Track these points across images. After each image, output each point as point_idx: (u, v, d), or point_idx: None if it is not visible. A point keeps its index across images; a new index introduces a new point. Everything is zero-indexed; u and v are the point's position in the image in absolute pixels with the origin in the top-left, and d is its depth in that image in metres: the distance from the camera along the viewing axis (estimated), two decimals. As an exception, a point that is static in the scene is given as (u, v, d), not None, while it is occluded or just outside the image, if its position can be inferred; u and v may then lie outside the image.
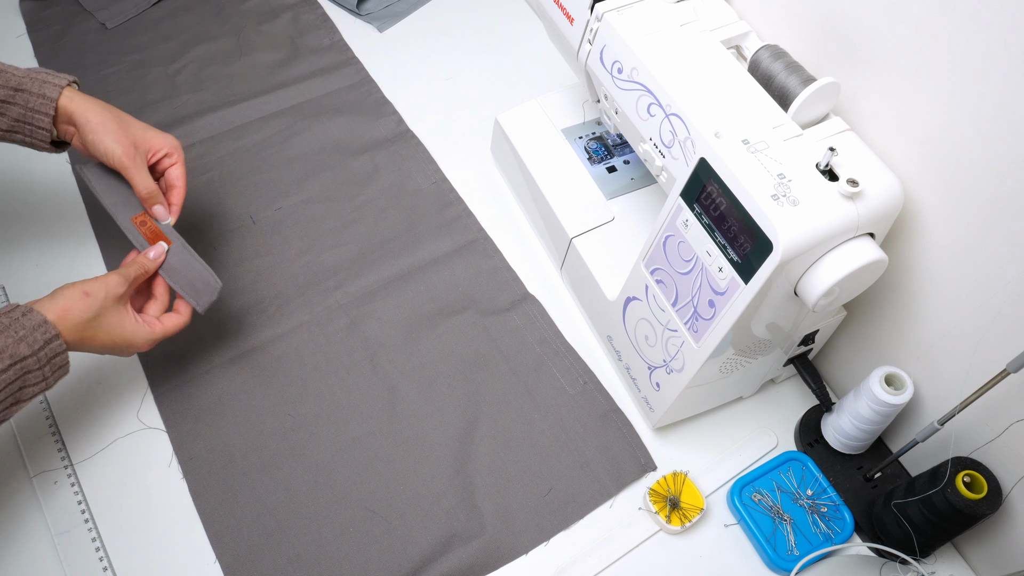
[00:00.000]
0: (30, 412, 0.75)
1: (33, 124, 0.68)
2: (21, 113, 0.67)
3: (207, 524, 0.70)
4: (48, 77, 0.68)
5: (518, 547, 0.70)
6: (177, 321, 0.70)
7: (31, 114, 0.67)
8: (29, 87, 0.66)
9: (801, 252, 0.54)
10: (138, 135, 0.71)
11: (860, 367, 0.75)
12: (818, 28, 0.64)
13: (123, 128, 0.70)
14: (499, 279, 0.86)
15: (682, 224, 0.62)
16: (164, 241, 0.71)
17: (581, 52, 0.71)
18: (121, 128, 0.70)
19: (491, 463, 0.74)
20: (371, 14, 1.10)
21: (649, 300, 0.69)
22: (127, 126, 0.70)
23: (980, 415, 0.63)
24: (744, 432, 0.78)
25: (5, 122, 0.67)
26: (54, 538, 0.68)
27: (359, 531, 0.70)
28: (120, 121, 0.70)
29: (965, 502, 0.60)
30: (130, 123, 0.71)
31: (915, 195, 0.61)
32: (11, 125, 0.68)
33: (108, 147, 0.69)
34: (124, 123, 0.70)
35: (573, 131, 0.87)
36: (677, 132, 0.61)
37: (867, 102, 0.62)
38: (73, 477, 0.72)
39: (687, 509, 0.71)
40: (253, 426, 0.75)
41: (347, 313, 0.82)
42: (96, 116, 0.68)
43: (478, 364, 0.80)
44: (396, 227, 0.89)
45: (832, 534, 0.70)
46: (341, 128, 0.97)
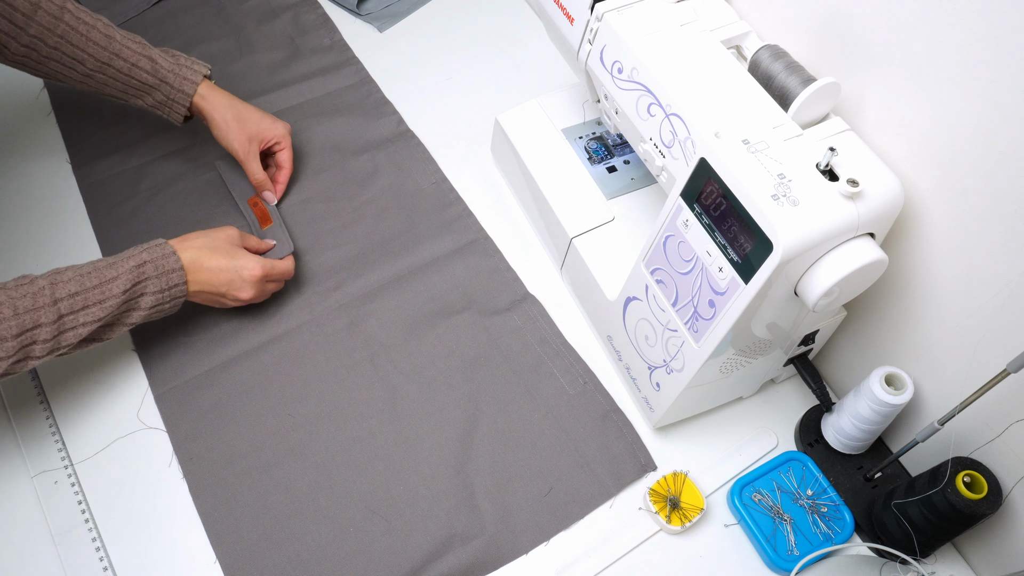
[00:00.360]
0: (30, 412, 0.75)
1: (172, 109, 0.83)
2: (163, 99, 0.82)
3: (207, 524, 0.70)
4: (187, 73, 0.82)
5: (518, 547, 0.70)
6: (288, 264, 0.80)
7: (170, 102, 0.83)
8: (172, 81, 0.81)
9: (801, 252, 0.54)
10: (253, 129, 0.85)
11: (860, 367, 0.75)
12: (818, 28, 0.64)
13: (241, 125, 0.84)
14: (499, 279, 0.86)
15: (682, 224, 0.62)
16: (269, 220, 0.87)
17: (581, 52, 0.71)
18: (240, 125, 0.84)
19: (491, 463, 0.74)
20: (371, 14, 1.10)
21: (649, 300, 0.69)
22: (245, 122, 0.85)
23: (980, 415, 0.63)
24: (744, 432, 0.78)
25: (150, 100, 0.83)
26: (54, 538, 0.68)
27: (359, 531, 0.70)
28: (240, 118, 0.84)
29: (965, 502, 0.60)
30: (248, 117, 0.85)
31: (915, 195, 0.61)
32: (154, 104, 0.83)
33: (228, 143, 0.85)
34: (243, 119, 0.85)
35: (573, 131, 0.87)
36: (677, 132, 0.61)
37: (867, 102, 0.62)
38: (73, 477, 0.72)
39: (687, 509, 0.71)
40: (253, 426, 0.75)
41: (347, 313, 0.82)
42: (219, 115, 0.84)
43: (478, 364, 0.80)
44: (396, 227, 0.89)
45: (832, 534, 0.70)
46: (341, 128, 0.97)
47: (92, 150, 0.93)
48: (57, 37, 0.76)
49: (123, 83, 0.80)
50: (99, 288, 0.67)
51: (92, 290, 0.66)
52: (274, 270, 0.78)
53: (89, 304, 0.66)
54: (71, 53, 0.77)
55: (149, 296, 0.70)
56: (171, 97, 0.82)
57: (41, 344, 0.64)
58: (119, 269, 0.68)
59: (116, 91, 0.81)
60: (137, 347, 0.79)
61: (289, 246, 0.84)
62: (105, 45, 0.78)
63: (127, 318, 0.69)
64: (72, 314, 0.65)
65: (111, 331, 0.69)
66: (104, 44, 0.78)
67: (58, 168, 0.92)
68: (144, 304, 0.70)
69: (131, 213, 0.88)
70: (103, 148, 0.93)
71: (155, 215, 0.88)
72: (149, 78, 0.80)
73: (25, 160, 0.92)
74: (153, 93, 0.81)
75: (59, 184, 0.91)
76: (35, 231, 0.87)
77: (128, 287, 0.68)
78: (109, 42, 0.78)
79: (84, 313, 0.65)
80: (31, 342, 0.63)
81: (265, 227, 0.86)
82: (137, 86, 0.81)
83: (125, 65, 0.79)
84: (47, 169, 0.92)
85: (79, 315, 0.65)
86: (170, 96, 0.82)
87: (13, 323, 0.62)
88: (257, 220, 0.87)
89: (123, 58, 0.79)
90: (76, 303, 0.65)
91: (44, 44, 0.76)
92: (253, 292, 0.76)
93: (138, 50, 0.80)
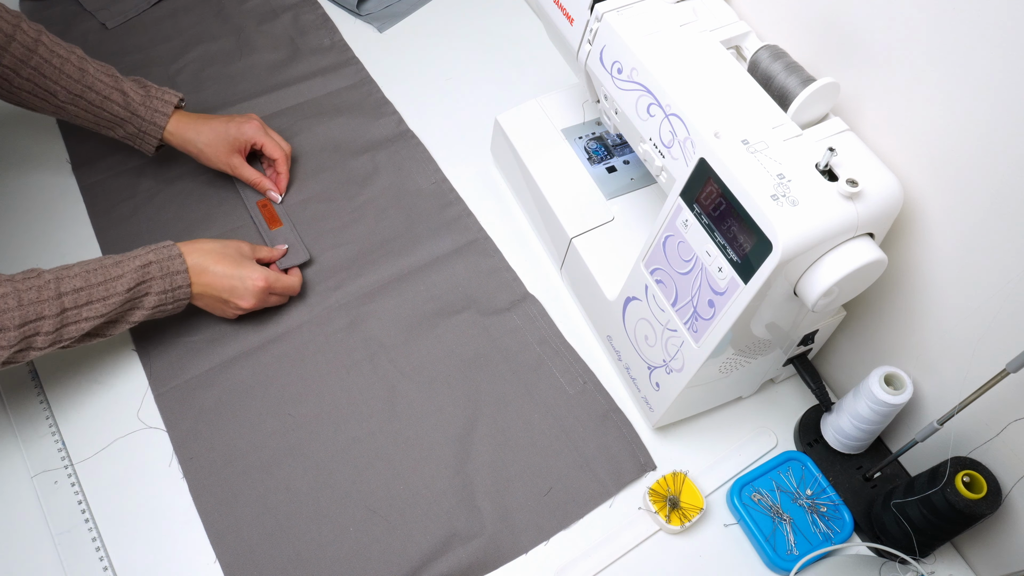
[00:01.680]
0: (30, 412, 0.75)
1: (143, 141, 0.84)
2: (135, 131, 0.83)
3: (207, 524, 0.70)
4: (158, 106, 0.83)
5: (518, 546, 0.70)
6: (294, 280, 0.81)
7: (142, 134, 0.84)
8: (143, 114, 0.82)
9: (800, 252, 0.54)
10: (226, 146, 0.85)
11: (860, 367, 0.75)
12: (818, 28, 0.64)
13: (216, 146, 0.85)
14: (499, 279, 0.86)
15: (682, 224, 0.62)
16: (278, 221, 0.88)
17: (581, 52, 0.71)
18: (213, 149, 0.85)
19: (491, 463, 0.74)
20: (371, 14, 1.10)
21: (649, 300, 0.69)
22: (216, 144, 0.85)
23: (980, 415, 0.63)
24: (744, 432, 0.78)
25: (121, 132, 0.84)
26: (54, 538, 0.68)
27: (359, 530, 0.70)
28: (211, 143, 0.85)
29: (964, 502, 0.60)
30: (220, 138, 0.85)
31: (915, 195, 0.61)
32: (125, 136, 0.84)
33: (214, 166, 0.87)
34: (216, 140, 0.85)
35: (573, 131, 0.87)
36: (677, 132, 0.61)
37: (867, 102, 0.62)
38: (73, 477, 0.72)
39: (687, 509, 0.71)
40: (253, 426, 0.75)
41: (347, 313, 0.82)
42: (192, 147, 0.85)
43: (478, 364, 0.80)
44: (396, 227, 0.89)
45: (832, 534, 0.70)
46: (341, 128, 0.98)
47: (92, 150, 0.93)
48: (31, 69, 0.77)
49: (95, 115, 0.81)
50: (104, 285, 0.68)
51: (97, 287, 0.67)
52: (278, 283, 0.78)
53: (93, 300, 0.67)
54: (44, 85, 0.78)
55: (153, 296, 0.71)
56: (142, 130, 0.83)
57: (44, 336, 0.65)
58: (125, 268, 0.69)
59: (88, 122, 0.82)
60: (137, 347, 0.79)
61: (304, 254, 0.85)
62: (78, 78, 0.79)
63: (130, 316, 0.71)
64: (75, 308, 0.66)
65: (114, 328, 0.70)
66: (77, 77, 0.79)
67: (58, 168, 0.92)
68: (147, 304, 0.71)
69: (131, 213, 0.88)
70: (103, 148, 0.93)
71: (155, 215, 0.88)
72: (121, 111, 0.81)
73: (25, 160, 0.92)
74: (124, 126, 0.82)
75: (59, 184, 0.91)
76: (35, 231, 0.87)
77: (132, 286, 0.69)
78: (82, 75, 0.79)
79: (87, 308, 0.67)
80: (34, 333, 0.64)
81: (274, 228, 0.87)
82: (109, 119, 0.82)
83: (97, 98, 0.80)
84: (47, 169, 0.92)
85: (82, 310, 0.66)
86: (141, 128, 0.83)
87: (17, 314, 0.63)
88: (265, 221, 0.88)
89: (95, 91, 0.80)
90: (80, 298, 0.66)
91: (17, 75, 0.77)
92: (254, 301, 0.77)
93: (110, 83, 0.81)
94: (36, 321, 0.64)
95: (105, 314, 0.68)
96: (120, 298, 0.68)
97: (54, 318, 0.65)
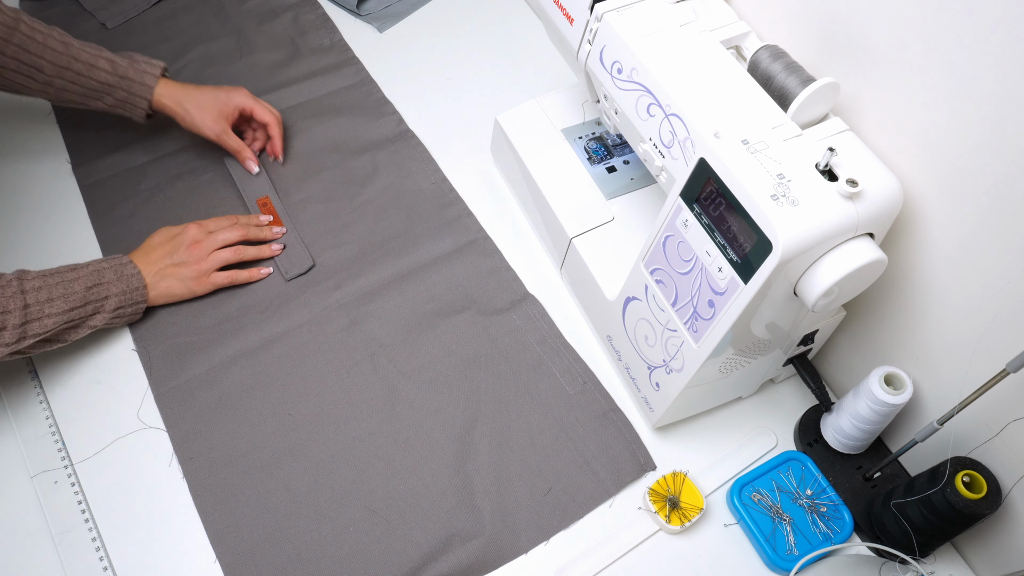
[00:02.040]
0: (30, 412, 0.75)
1: (133, 105, 0.85)
2: (124, 96, 0.84)
3: (207, 524, 0.70)
4: (146, 68, 0.85)
5: (518, 546, 0.70)
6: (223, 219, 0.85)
7: (132, 97, 0.85)
8: (132, 76, 0.83)
9: (800, 252, 0.54)
10: (215, 110, 0.87)
11: (860, 367, 0.75)
12: (818, 28, 0.64)
13: (203, 110, 0.87)
14: (499, 279, 0.86)
15: (682, 224, 0.62)
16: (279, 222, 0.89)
17: (581, 52, 0.71)
18: (202, 111, 0.87)
19: (491, 463, 0.74)
20: (371, 14, 1.10)
21: (649, 300, 0.69)
22: (206, 107, 0.87)
23: (979, 415, 0.63)
24: (744, 432, 0.78)
25: (110, 100, 0.84)
26: (54, 538, 0.68)
27: (359, 530, 0.70)
28: (199, 105, 0.87)
29: (964, 502, 0.60)
30: (205, 101, 0.87)
31: (915, 195, 0.61)
32: (115, 104, 0.85)
33: (198, 130, 0.88)
34: (202, 105, 0.87)
35: (573, 131, 0.87)
36: (677, 132, 0.61)
37: (867, 102, 0.62)
38: (73, 477, 0.72)
39: (687, 509, 0.71)
40: (253, 426, 0.75)
41: (347, 313, 0.82)
42: (180, 107, 0.86)
43: (478, 364, 0.80)
44: (396, 227, 0.89)
45: (831, 534, 0.70)
46: (341, 128, 0.98)
47: (92, 150, 0.93)
48: (14, 46, 0.78)
49: (83, 85, 0.82)
50: (62, 285, 0.71)
51: (55, 286, 0.71)
52: (211, 222, 0.83)
53: (54, 297, 0.70)
54: (28, 61, 0.79)
55: (112, 298, 0.75)
56: (132, 92, 0.84)
57: (10, 331, 0.67)
58: (80, 272, 0.73)
59: (76, 95, 0.83)
60: (137, 347, 0.79)
61: (307, 260, 0.85)
62: (63, 51, 0.80)
63: (91, 320, 0.74)
64: (38, 305, 0.69)
65: (74, 332, 0.73)
66: (61, 50, 0.80)
67: (58, 168, 0.92)
68: (108, 306, 0.75)
69: (131, 213, 0.88)
70: (103, 148, 0.93)
71: (155, 215, 0.88)
72: (108, 77, 0.82)
73: (25, 160, 0.92)
74: (114, 92, 0.83)
75: (59, 184, 0.91)
76: (35, 231, 0.87)
77: (90, 285, 0.73)
78: (66, 47, 0.80)
79: (49, 304, 0.70)
80: (0, 327, 0.67)
81: (274, 227, 0.87)
82: (97, 87, 0.82)
83: (84, 67, 0.81)
84: (47, 169, 0.92)
85: (44, 306, 0.69)
86: (131, 91, 0.84)
87: None
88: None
89: (81, 60, 0.81)
90: (41, 295, 0.70)
91: (1, 54, 0.78)
92: (200, 249, 0.80)
93: (95, 52, 0.82)
94: (1, 315, 0.66)
95: (67, 311, 0.71)
96: (79, 296, 0.71)
97: (19, 311, 0.67)
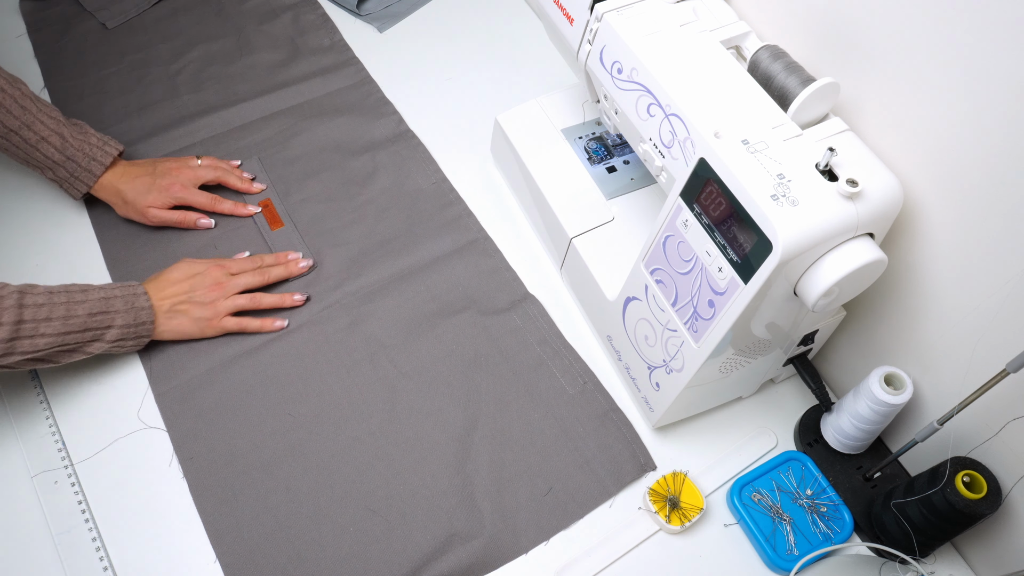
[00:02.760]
0: (30, 412, 0.75)
1: (73, 187, 0.83)
2: (66, 176, 0.82)
3: (207, 524, 0.70)
4: (97, 152, 0.82)
5: (518, 546, 0.70)
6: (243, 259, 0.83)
7: (74, 179, 0.82)
8: (79, 160, 0.81)
9: (800, 252, 0.54)
10: (155, 198, 0.84)
11: (860, 367, 0.75)
12: (818, 28, 0.64)
13: (140, 201, 0.83)
14: (499, 279, 0.86)
15: (682, 224, 0.62)
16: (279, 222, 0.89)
17: (581, 52, 0.71)
18: (139, 203, 0.83)
19: (491, 463, 0.74)
20: (371, 14, 1.10)
21: (649, 300, 0.69)
22: (140, 200, 0.83)
23: (979, 415, 0.63)
24: (744, 432, 0.78)
25: (51, 176, 0.82)
26: (54, 538, 0.68)
27: (359, 530, 0.70)
28: (137, 198, 0.83)
29: (964, 502, 0.60)
30: (146, 193, 0.84)
31: (915, 195, 0.61)
32: (55, 179, 0.83)
33: (138, 220, 0.86)
34: (139, 199, 0.83)
35: (573, 131, 0.87)
36: (677, 132, 0.61)
37: (867, 102, 0.62)
38: (73, 477, 0.72)
39: (687, 509, 0.71)
40: (253, 426, 0.75)
41: (347, 313, 0.82)
42: (120, 199, 0.84)
43: (478, 364, 0.80)
44: (396, 227, 0.89)
45: (831, 534, 0.70)
46: (341, 128, 0.97)
47: (92, 150, 0.93)
48: None
49: (27, 153, 0.80)
50: (65, 306, 0.69)
51: (58, 306, 0.68)
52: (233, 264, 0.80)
53: (53, 317, 0.68)
54: None
55: (116, 329, 0.72)
56: (75, 175, 0.82)
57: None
58: (89, 295, 0.71)
59: (18, 158, 0.81)
60: (137, 347, 0.79)
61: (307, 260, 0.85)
62: (18, 114, 0.78)
63: (88, 347, 0.71)
64: (34, 323, 0.67)
65: (68, 355, 0.70)
66: (17, 113, 0.78)
67: (58, 168, 0.92)
68: (109, 336, 0.72)
69: (131, 213, 0.88)
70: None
71: (155, 215, 0.88)
72: (56, 154, 0.80)
73: (25, 160, 0.92)
74: (56, 169, 0.81)
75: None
76: (35, 231, 0.87)
77: (94, 312, 0.70)
78: (23, 112, 0.78)
79: (46, 324, 0.67)
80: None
81: (275, 229, 0.87)
82: (40, 159, 0.80)
83: (33, 137, 0.79)
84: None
85: (40, 325, 0.67)
86: (74, 174, 0.82)
87: None
88: (267, 222, 0.88)
89: (33, 130, 0.79)
90: (40, 313, 0.67)
91: None
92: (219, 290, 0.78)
93: (51, 123, 0.80)
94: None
95: (63, 333, 0.68)
96: (79, 321, 0.69)
97: (10, 326, 0.65)
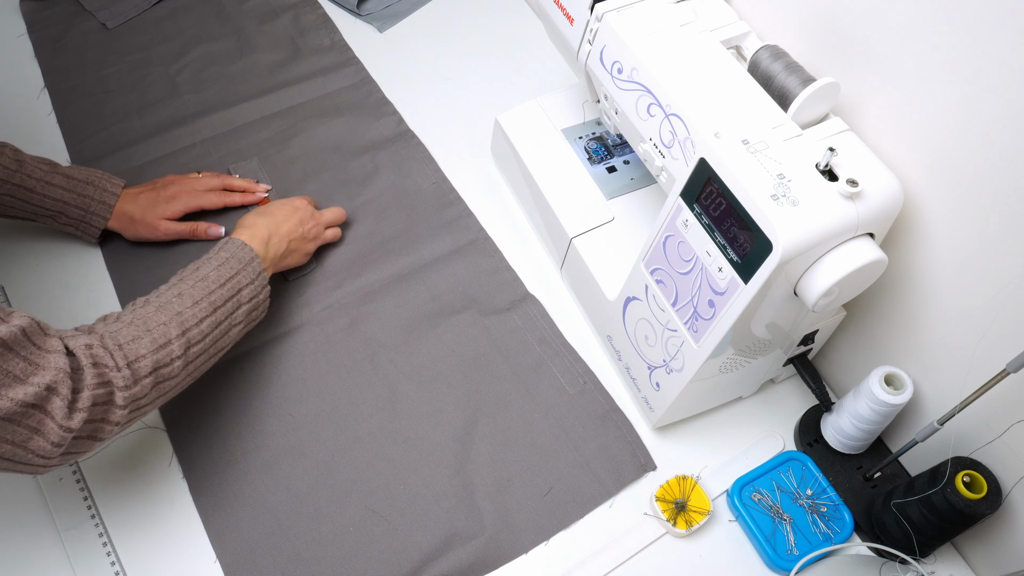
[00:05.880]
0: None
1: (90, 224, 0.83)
2: (80, 216, 0.81)
3: (207, 524, 0.70)
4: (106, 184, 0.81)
5: (518, 546, 0.70)
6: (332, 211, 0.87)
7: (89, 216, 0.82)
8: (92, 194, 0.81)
9: (801, 252, 0.54)
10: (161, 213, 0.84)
11: (860, 367, 0.75)
12: (818, 28, 0.64)
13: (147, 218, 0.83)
14: (499, 279, 0.86)
15: (682, 224, 0.62)
16: None
17: (581, 52, 0.71)
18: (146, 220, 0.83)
19: (491, 463, 0.74)
20: (371, 14, 1.10)
21: (649, 300, 0.69)
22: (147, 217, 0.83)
23: (980, 415, 0.63)
24: (743, 432, 0.78)
25: (63, 220, 0.82)
26: (61, 534, 0.68)
27: (359, 530, 0.70)
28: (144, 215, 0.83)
29: (965, 502, 0.60)
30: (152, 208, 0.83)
31: (915, 195, 0.61)
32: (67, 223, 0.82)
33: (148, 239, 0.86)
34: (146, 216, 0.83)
35: (573, 131, 0.87)
36: (677, 132, 0.61)
37: (867, 102, 0.62)
38: (79, 474, 0.72)
39: (693, 513, 0.70)
40: (253, 426, 0.75)
41: (347, 313, 0.82)
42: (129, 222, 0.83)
43: (478, 364, 0.80)
44: (396, 227, 0.89)
45: (832, 534, 0.70)
46: (341, 128, 0.98)
47: (92, 150, 0.93)
48: None
49: (35, 204, 0.78)
50: (194, 285, 0.67)
51: (192, 287, 0.67)
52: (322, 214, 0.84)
53: (199, 299, 0.66)
54: None
55: (247, 289, 0.70)
56: (90, 211, 0.81)
57: (177, 359, 0.64)
58: (204, 267, 0.69)
59: (24, 212, 0.79)
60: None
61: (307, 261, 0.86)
62: (14, 168, 0.77)
63: (234, 316, 0.69)
64: (192, 308, 0.66)
65: (226, 336, 0.69)
66: (13, 167, 0.77)
67: (58, 168, 0.92)
68: (245, 296, 0.70)
69: (131, 213, 0.88)
70: (103, 148, 0.93)
71: (155, 215, 0.88)
72: (65, 194, 0.79)
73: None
74: (68, 211, 0.80)
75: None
76: (35, 232, 0.87)
77: (225, 279, 0.69)
78: (19, 165, 0.77)
79: (196, 308, 0.66)
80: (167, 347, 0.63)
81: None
82: (51, 206, 0.79)
83: (37, 184, 0.78)
84: (47, 169, 0.92)
85: (196, 309, 0.66)
86: (89, 210, 0.80)
87: (147, 339, 0.62)
88: None
89: (35, 178, 0.77)
90: (185, 300, 0.66)
91: None
92: (313, 215, 0.82)
93: (48, 169, 0.78)
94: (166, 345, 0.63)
95: (214, 310, 0.66)
96: (214, 286, 0.67)
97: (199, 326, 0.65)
